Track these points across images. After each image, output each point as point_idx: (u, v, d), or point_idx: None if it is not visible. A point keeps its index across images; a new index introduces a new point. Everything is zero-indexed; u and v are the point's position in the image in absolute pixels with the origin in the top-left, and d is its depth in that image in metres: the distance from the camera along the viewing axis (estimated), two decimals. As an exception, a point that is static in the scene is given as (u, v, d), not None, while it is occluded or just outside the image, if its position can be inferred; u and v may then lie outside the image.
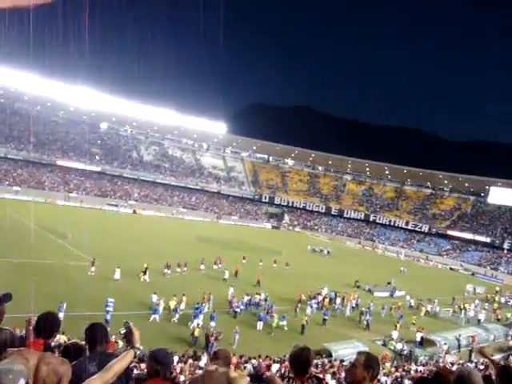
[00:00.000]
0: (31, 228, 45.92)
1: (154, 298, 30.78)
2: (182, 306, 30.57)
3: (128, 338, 3.86)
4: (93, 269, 35.82)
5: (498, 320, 44.13)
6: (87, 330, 4.37)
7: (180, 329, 28.18)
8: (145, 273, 38.33)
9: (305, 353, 4.01)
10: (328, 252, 73.61)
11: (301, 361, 3.99)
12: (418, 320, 38.13)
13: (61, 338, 20.49)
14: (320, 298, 39.52)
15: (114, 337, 14.91)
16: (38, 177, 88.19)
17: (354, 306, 39.85)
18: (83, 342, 4.44)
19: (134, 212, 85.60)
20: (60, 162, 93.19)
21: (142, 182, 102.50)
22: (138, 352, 3.90)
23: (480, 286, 59.34)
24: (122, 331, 3.91)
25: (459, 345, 33.20)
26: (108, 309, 27.34)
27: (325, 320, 34.79)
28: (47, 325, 4.09)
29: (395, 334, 33.05)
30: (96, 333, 4.34)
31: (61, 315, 25.04)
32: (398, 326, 34.36)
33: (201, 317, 28.90)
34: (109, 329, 15.91)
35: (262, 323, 31.10)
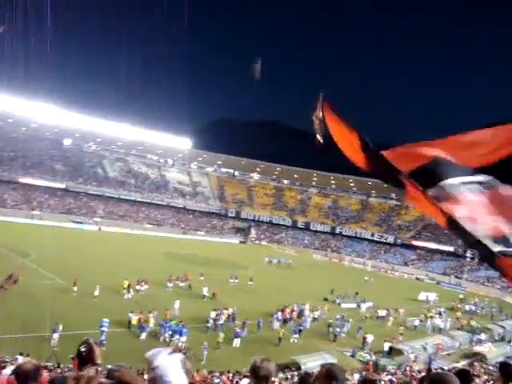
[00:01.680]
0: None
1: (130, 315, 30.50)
2: (151, 323, 30.31)
3: (88, 355, 3.81)
4: (75, 288, 35.12)
5: (462, 327, 44.80)
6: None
7: (152, 344, 27.86)
8: (128, 290, 38.42)
9: (264, 364, 3.94)
10: (289, 263, 74.95)
11: (261, 373, 3.93)
12: (392, 330, 38.48)
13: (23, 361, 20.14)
14: (287, 310, 39.53)
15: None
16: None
17: (315, 317, 40.00)
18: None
19: (99, 229, 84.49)
20: (22, 180, 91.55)
21: (106, 198, 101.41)
22: (100, 369, 3.87)
23: (431, 293, 60.19)
24: (82, 349, 3.86)
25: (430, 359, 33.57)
26: (103, 329, 27.10)
27: (300, 331, 35.01)
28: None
29: (370, 338, 33.72)
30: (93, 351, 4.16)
31: (55, 336, 24.76)
32: (368, 336, 34.60)
33: (169, 333, 28.82)
34: (104, 348, 15.81)
35: (238, 340, 30.86)
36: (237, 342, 30.70)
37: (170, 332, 29.02)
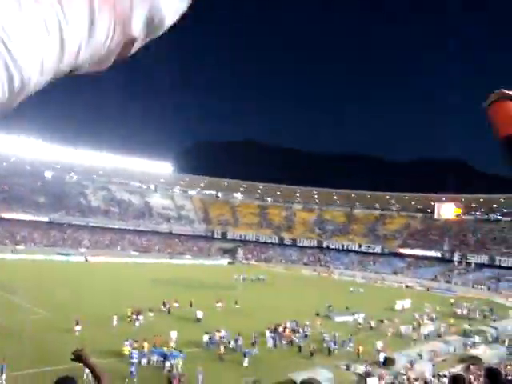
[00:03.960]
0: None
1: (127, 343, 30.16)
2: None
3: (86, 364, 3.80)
4: (77, 328, 33.76)
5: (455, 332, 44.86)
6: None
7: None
8: (137, 317, 38.84)
9: None
10: (263, 279, 76.43)
11: None
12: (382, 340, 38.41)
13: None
14: (280, 329, 39.30)
15: None
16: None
17: (306, 334, 39.56)
18: None
19: (86, 259, 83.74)
20: (4, 215, 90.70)
21: (91, 228, 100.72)
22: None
23: (406, 301, 60.09)
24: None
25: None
26: (132, 360, 27.00)
27: (300, 347, 35.30)
28: None
29: (379, 345, 34.53)
30: None
31: (3, 377, 24.19)
32: (361, 348, 34.54)
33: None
34: (135, 380, 15.58)
35: (247, 359, 30.76)
36: (246, 362, 30.64)
37: (160, 358, 29.03)
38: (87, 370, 19.93)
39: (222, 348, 32.11)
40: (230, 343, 33.82)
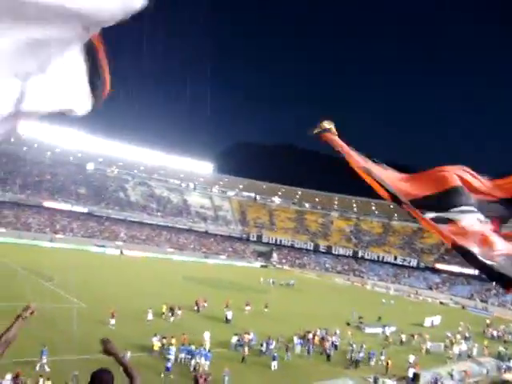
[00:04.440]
0: (16, 270, 45.30)
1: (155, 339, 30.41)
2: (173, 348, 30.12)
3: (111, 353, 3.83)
4: (112, 321, 34.17)
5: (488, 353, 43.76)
6: (94, 377, 3.95)
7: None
8: (172, 313, 39.58)
9: None
10: (292, 284, 75.72)
11: None
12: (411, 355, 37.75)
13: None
14: (310, 336, 39.01)
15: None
16: (23, 218, 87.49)
17: (336, 344, 38.95)
18: None
19: (121, 253, 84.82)
20: (46, 204, 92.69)
21: (129, 222, 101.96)
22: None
23: (436, 318, 58.76)
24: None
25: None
26: (169, 356, 27.72)
27: (328, 356, 35.15)
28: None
29: (412, 358, 34.42)
30: (103, 380, 3.91)
31: (44, 360, 24.78)
32: (390, 362, 34.04)
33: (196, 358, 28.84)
34: (171, 376, 15.83)
35: (276, 362, 30.79)
36: (275, 365, 30.68)
37: (187, 356, 29.28)
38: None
39: (246, 349, 32.13)
40: (262, 345, 33.81)
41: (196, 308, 44.79)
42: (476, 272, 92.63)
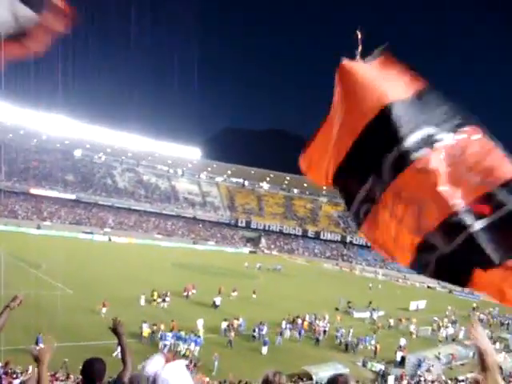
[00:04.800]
0: (2, 257, 44.94)
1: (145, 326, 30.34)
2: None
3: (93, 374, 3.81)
4: (104, 310, 33.71)
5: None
6: (86, 366, 3.96)
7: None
8: (164, 300, 39.92)
9: (276, 378, 3.83)
10: (279, 269, 76.35)
11: None
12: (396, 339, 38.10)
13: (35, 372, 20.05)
14: (299, 321, 39.22)
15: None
16: (10, 206, 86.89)
17: (325, 329, 39.13)
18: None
19: (110, 239, 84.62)
20: (33, 191, 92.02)
21: (116, 209, 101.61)
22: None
23: (421, 302, 59.21)
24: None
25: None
26: (166, 342, 28.20)
27: (317, 340, 35.64)
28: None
29: (403, 342, 35.23)
30: (95, 369, 3.90)
31: (40, 346, 24.74)
32: (378, 346, 34.34)
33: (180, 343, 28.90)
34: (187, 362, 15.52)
35: (266, 348, 31.19)
36: (265, 350, 31.13)
37: (177, 342, 29.39)
38: (119, 349, 20.58)
39: (232, 334, 32.42)
40: (254, 331, 34.04)
41: (185, 294, 44.84)
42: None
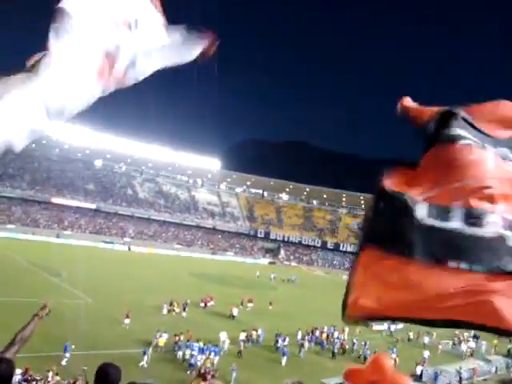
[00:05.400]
0: (24, 266, 45.44)
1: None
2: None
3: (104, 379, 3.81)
4: (127, 321, 33.75)
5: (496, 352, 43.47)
6: (100, 371, 3.81)
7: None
8: (184, 309, 40.58)
9: None
10: (294, 279, 76.06)
11: None
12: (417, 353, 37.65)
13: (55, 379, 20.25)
14: (317, 333, 39.00)
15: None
16: (32, 214, 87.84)
17: (342, 341, 38.72)
18: None
19: (129, 249, 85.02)
20: (55, 200, 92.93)
21: (136, 218, 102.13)
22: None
23: None
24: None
25: (460, 378, 32.69)
26: (193, 353, 28.14)
27: (333, 353, 35.49)
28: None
29: (427, 354, 35.20)
30: (109, 375, 3.75)
31: (67, 355, 25.10)
32: (397, 360, 33.93)
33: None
34: (193, 372, 15.90)
35: (285, 358, 31.32)
36: (284, 361, 31.29)
37: (192, 352, 29.20)
38: (146, 358, 20.68)
39: (242, 344, 32.49)
40: (277, 342, 34.27)
41: (203, 305, 44.86)
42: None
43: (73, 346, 25.39)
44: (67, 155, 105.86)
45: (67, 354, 25.23)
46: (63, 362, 24.75)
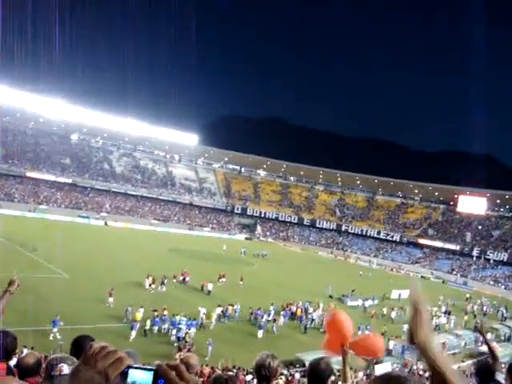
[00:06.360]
0: None
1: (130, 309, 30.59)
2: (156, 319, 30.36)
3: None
4: (110, 299, 33.23)
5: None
6: (75, 343, 3.95)
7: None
8: (163, 283, 40.84)
9: (268, 361, 3.80)
10: (265, 254, 75.64)
11: (264, 369, 3.79)
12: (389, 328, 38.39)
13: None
14: (294, 308, 39.48)
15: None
16: (6, 189, 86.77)
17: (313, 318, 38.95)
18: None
19: (106, 224, 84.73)
20: (30, 174, 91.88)
21: (113, 193, 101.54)
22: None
23: (404, 291, 58.84)
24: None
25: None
26: (180, 326, 28.60)
27: (306, 328, 36.00)
28: (2, 345, 3.83)
29: (405, 327, 34.27)
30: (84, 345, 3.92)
31: (55, 330, 25.10)
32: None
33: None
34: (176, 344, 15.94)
35: (262, 331, 32.20)
36: (260, 334, 32.18)
37: (171, 326, 29.69)
38: (133, 333, 20.80)
39: (214, 321, 33.07)
40: (262, 317, 34.65)
41: (182, 279, 45.08)
42: (457, 247, 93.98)
43: (61, 323, 25.41)
44: (42, 128, 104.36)
45: (55, 329, 25.24)
46: (51, 337, 24.76)
